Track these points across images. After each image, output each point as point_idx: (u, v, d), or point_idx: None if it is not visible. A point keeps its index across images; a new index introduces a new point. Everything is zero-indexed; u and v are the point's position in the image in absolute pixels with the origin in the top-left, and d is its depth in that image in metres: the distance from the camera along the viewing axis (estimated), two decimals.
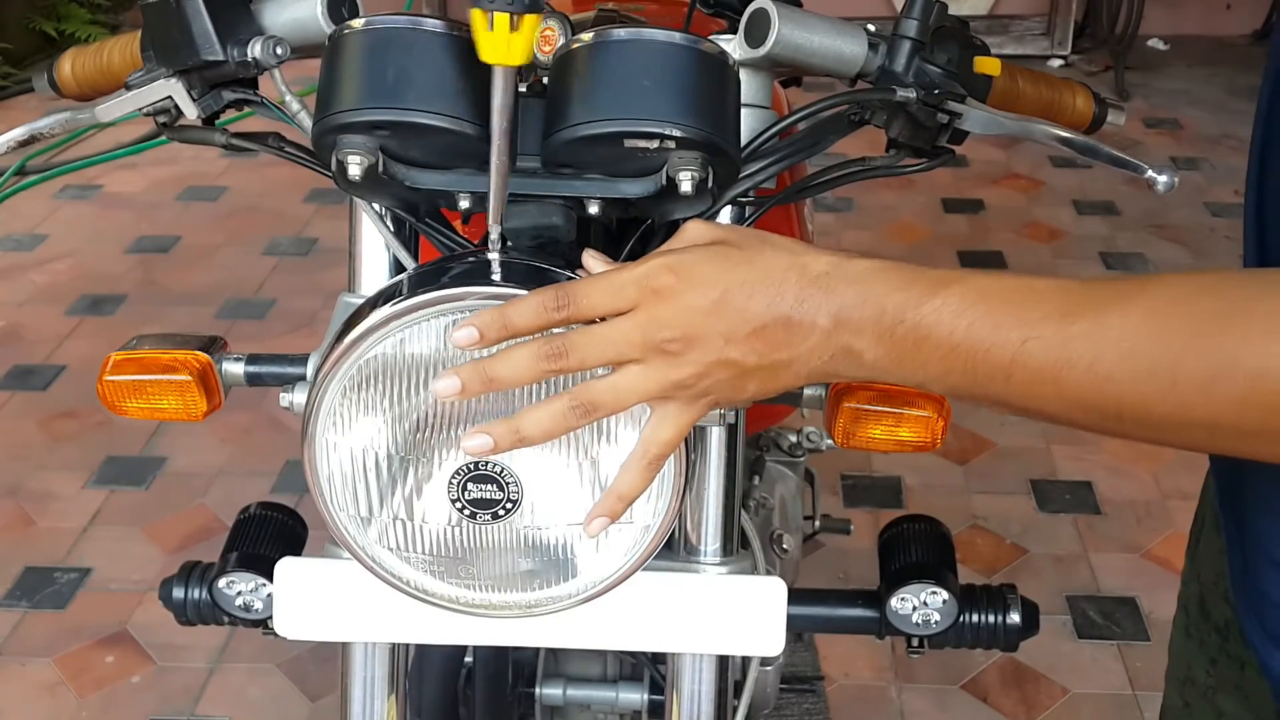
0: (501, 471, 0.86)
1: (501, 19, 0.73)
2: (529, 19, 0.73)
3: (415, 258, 1.01)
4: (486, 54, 0.74)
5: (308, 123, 0.95)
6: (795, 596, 1.10)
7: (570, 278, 0.84)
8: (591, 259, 0.85)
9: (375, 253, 1.03)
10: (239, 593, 1.18)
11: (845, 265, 0.77)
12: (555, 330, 0.80)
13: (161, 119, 1.01)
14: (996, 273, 0.76)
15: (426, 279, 0.85)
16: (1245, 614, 0.86)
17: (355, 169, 0.85)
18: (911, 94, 0.92)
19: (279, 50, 0.96)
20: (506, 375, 0.78)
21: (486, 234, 0.87)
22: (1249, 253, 0.84)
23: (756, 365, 0.78)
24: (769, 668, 1.42)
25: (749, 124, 0.95)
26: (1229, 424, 0.68)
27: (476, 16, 0.74)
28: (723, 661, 1.08)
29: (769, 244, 0.80)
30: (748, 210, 1.00)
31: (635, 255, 0.92)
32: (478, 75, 0.84)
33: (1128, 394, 0.70)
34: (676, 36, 0.85)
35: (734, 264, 0.78)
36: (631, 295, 0.77)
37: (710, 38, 0.90)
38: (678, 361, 0.78)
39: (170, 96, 0.98)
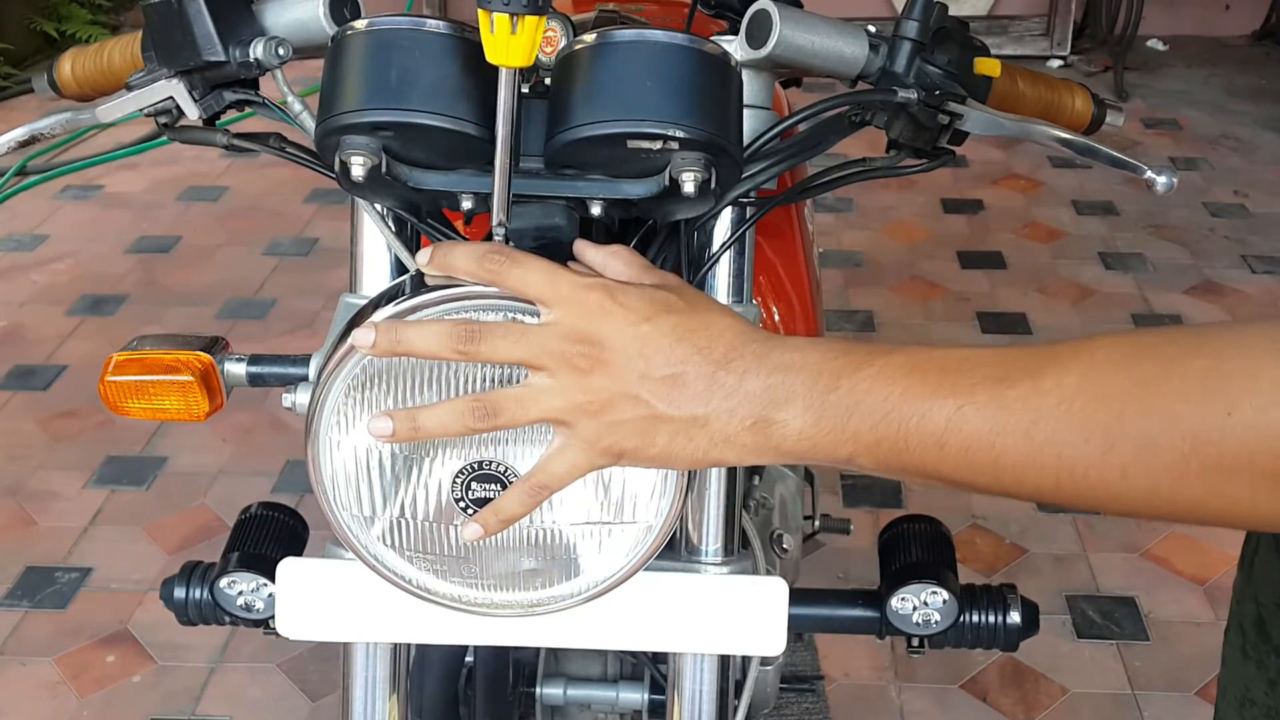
0: (506, 471, 0.86)
1: (505, 20, 0.74)
2: (533, 20, 0.74)
3: None
4: (492, 54, 0.75)
5: (310, 123, 0.95)
6: (796, 596, 1.10)
7: None
8: (584, 247, 0.85)
9: (377, 253, 1.03)
10: (240, 593, 1.19)
11: (785, 338, 0.77)
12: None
13: (163, 119, 1.01)
14: (934, 346, 0.75)
15: (429, 279, 0.85)
16: None
17: (359, 170, 0.85)
18: (912, 95, 0.92)
19: (281, 51, 0.96)
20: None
21: (489, 234, 0.87)
22: None
23: (667, 414, 0.76)
24: (769, 667, 1.42)
25: (750, 125, 0.95)
26: (1168, 489, 0.67)
27: (482, 17, 0.75)
28: (724, 661, 1.08)
29: (713, 305, 0.80)
30: (749, 211, 1.00)
31: None
32: (481, 76, 0.84)
33: (1066, 459, 0.68)
34: (679, 37, 0.85)
35: (670, 306, 0.77)
36: (564, 292, 0.77)
37: (711, 39, 0.90)
38: (585, 381, 0.76)
39: (171, 97, 0.98)
